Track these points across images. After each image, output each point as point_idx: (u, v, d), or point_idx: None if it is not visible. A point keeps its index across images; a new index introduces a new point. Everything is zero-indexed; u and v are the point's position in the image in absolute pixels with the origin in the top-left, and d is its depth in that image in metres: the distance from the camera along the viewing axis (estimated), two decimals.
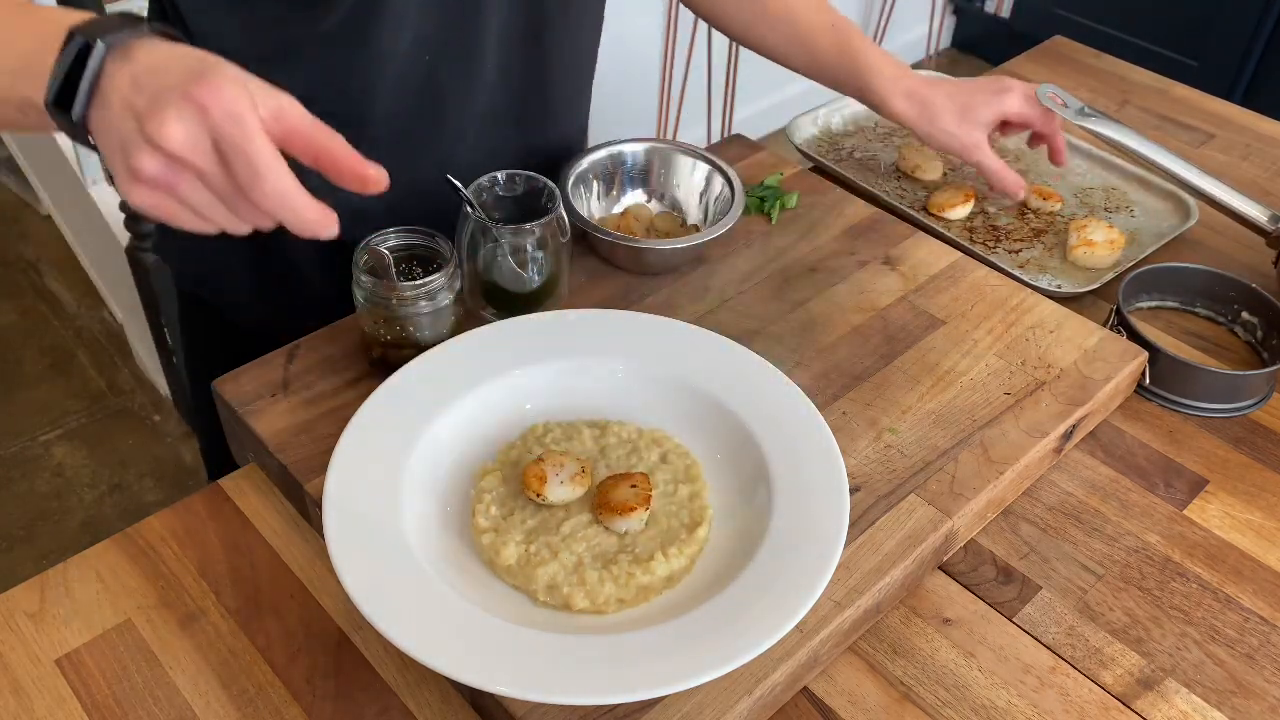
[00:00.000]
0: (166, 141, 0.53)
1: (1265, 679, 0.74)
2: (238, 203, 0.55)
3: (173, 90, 0.53)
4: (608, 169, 1.03)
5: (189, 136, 0.53)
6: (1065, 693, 0.72)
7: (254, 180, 0.54)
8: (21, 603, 0.75)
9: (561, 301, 0.92)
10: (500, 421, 0.80)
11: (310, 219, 0.55)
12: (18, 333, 2.31)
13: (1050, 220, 1.11)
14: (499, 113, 0.93)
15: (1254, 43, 2.71)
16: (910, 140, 1.23)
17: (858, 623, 0.73)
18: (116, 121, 0.55)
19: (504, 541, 0.71)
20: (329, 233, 0.56)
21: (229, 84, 0.54)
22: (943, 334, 0.92)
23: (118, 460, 2.06)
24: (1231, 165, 1.24)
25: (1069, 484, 0.86)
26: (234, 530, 0.79)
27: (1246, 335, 1.00)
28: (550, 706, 0.64)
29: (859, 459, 0.81)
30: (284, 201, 0.54)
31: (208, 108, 0.53)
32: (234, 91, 0.53)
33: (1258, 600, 0.78)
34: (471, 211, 0.86)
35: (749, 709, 0.66)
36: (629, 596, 0.70)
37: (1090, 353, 0.91)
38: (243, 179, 0.54)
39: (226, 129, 0.53)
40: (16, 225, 2.58)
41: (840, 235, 1.03)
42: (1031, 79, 1.35)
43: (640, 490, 0.73)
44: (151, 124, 0.53)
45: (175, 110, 0.53)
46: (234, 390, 0.84)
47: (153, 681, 0.70)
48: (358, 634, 0.73)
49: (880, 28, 3.11)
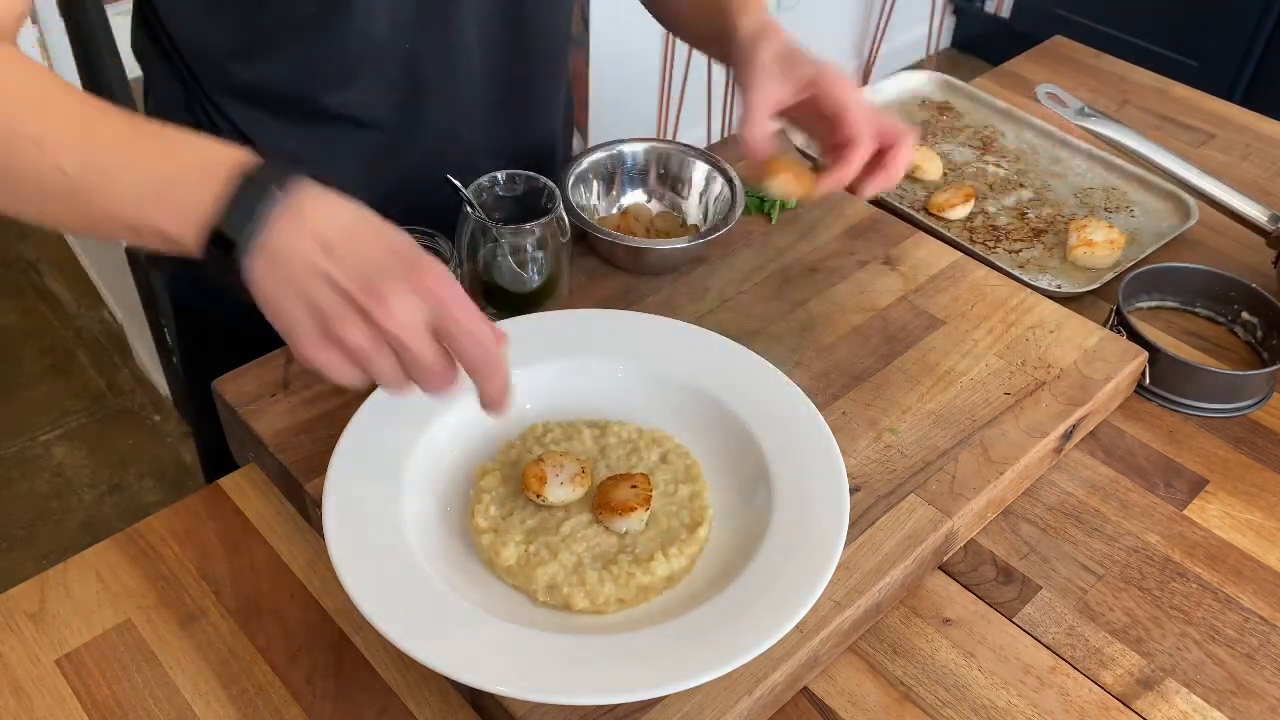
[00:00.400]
0: (388, 321, 0.57)
1: (1265, 679, 0.74)
2: (429, 375, 0.60)
3: (392, 271, 0.57)
4: (608, 169, 1.03)
5: (411, 319, 0.57)
6: (1065, 693, 0.72)
7: (488, 362, 0.60)
8: (21, 603, 0.75)
9: (561, 301, 0.92)
10: (500, 421, 0.80)
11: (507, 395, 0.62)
12: (18, 333, 2.31)
13: (1050, 220, 1.11)
14: (483, 99, 0.94)
15: (1254, 43, 2.71)
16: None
17: (858, 623, 0.73)
18: (306, 287, 0.58)
19: (504, 542, 0.71)
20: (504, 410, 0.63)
21: (446, 272, 0.59)
22: (943, 334, 0.92)
23: (118, 460, 2.06)
24: (1231, 165, 1.24)
25: (1069, 484, 0.86)
26: (234, 530, 0.79)
27: (1246, 335, 1.00)
28: (550, 706, 0.64)
29: (859, 459, 0.81)
30: (499, 375, 0.61)
31: (437, 294, 0.58)
32: (452, 279, 0.59)
33: (1258, 600, 0.78)
34: (471, 211, 0.86)
35: (749, 709, 0.66)
36: (629, 597, 0.70)
37: (1090, 353, 0.91)
38: (475, 360, 0.59)
39: (458, 314, 0.58)
40: (16, 225, 2.57)
41: (840, 235, 1.03)
42: (1031, 79, 1.35)
43: (640, 490, 0.73)
44: (372, 302, 0.56)
45: (400, 291, 0.57)
46: (234, 390, 0.84)
47: (153, 681, 0.70)
48: (358, 634, 0.73)
49: (880, 28, 3.11)
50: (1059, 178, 1.18)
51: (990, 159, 1.20)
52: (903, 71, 1.33)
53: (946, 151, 1.21)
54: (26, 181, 0.61)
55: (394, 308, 0.57)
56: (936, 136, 1.24)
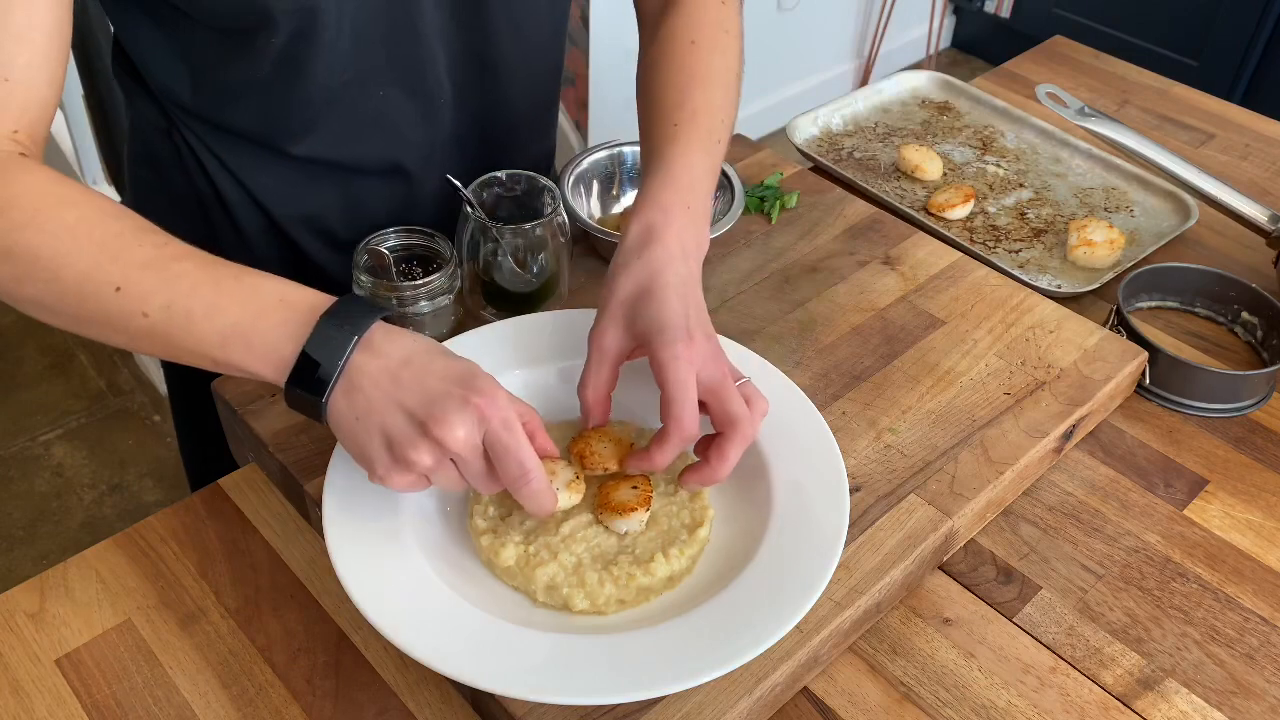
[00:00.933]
0: (451, 443, 0.62)
1: (1265, 679, 0.74)
2: (481, 481, 0.65)
3: (451, 397, 0.62)
4: (608, 169, 1.03)
5: (469, 439, 0.62)
6: (1065, 693, 0.72)
7: (523, 478, 0.64)
8: (21, 603, 0.75)
9: (561, 301, 0.92)
10: None
11: (547, 505, 0.67)
12: (18, 333, 2.31)
13: (1050, 220, 1.11)
14: (462, 136, 0.93)
15: (1254, 43, 2.71)
16: (910, 140, 1.23)
17: (858, 623, 0.73)
18: (382, 417, 0.63)
19: (503, 542, 0.71)
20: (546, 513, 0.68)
21: (500, 394, 0.63)
22: (943, 334, 0.92)
23: (118, 460, 2.06)
24: (1231, 165, 1.24)
25: (1069, 484, 0.86)
26: (234, 530, 0.79)
27: (1246, 335, 1.00)
28: (550, 706, 0.64)
29: (859, 459, 0.81)
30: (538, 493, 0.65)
31: (488, 417, 0.62)
32: (504, 401, 0.63)
33: (1258, 600, 0.78)
34: (471, 211, 0.86)
35: (749, 709, 0.66)
36: (629, 597, 0.70)
37: (1090, 353, 0.91)
38: (511, 476, 0.64)
39: (503, 437, 0.63)
40: None
41: (840, 235, 1.03)
42: (1031, 79, 1.35)
43: (641, 491, 0.73)
44: (439, 427, 0.61)
45: (459, 416, 0.62)
46: (234, 390, 0.84)
47: (153, 681, 0.70)
48: (358, 634, 0.73)
49: (880, 28, 3.11)
50: (1059, 178, 1.18)
51: (990, 159, 1.20)
52: (903, 71, 1.33)
53: (946, 151, 1.21)
54: (112, 322, 0.65)
55: (457, 432, 0.62)
56: (936, 136, 1.24)
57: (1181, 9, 2.80)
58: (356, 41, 0.81)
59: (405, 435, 0.62)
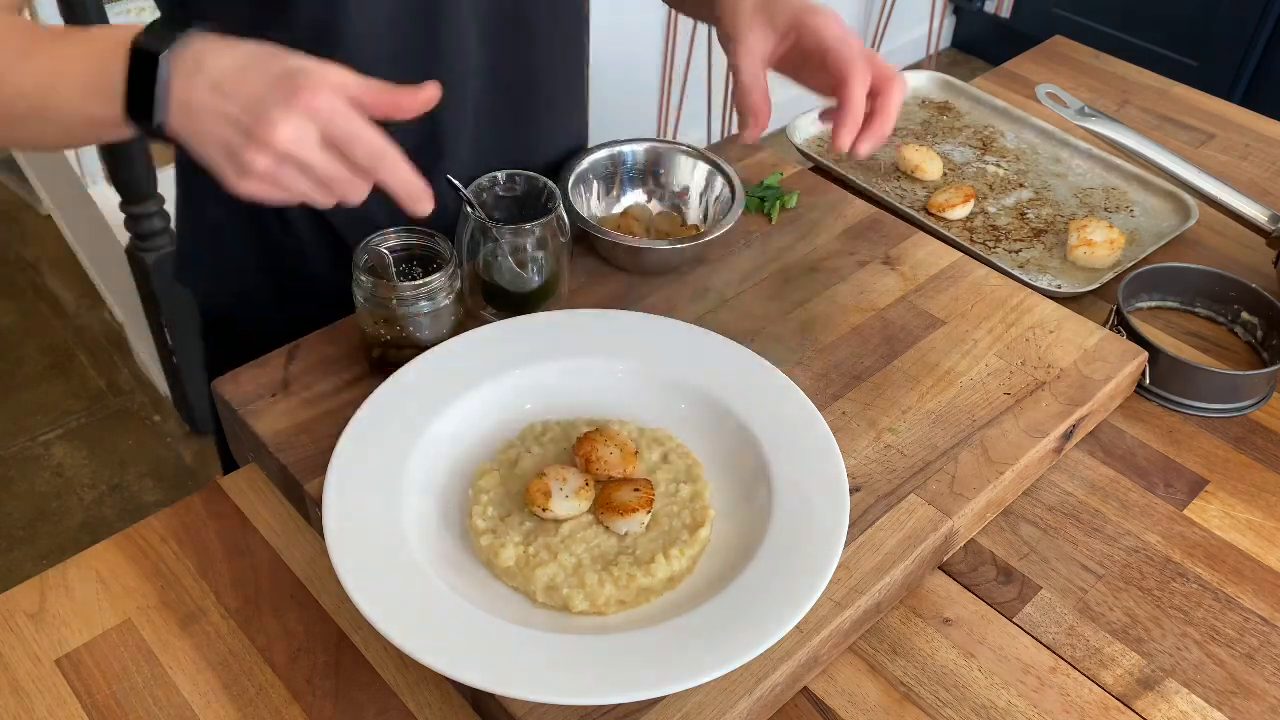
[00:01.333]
0: (279, 143, 0.61)
1: (1265, 679, 0.74)
2: (336, 183, 0.64)
3: (272, 96, 0.61)
4: (608, 169, 1.03)
5: (297, 136, 0.61)
6: (1065, 693, 0.72)
7: (378, 159, 0.63)
8: (21, 603, 0.75)
9: (561, 301, 0.92)
10: (500, 421, 0.80)
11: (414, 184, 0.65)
12: (18, 333, 2.31)
13: (1050, 220, 1.11)
14: (495, 111, 0.93)
15: (1254, 43, 2.71)
16: (910, 140, 1.23)
17: (858, 623, 0.73)
18: (213, 129, 0.63)
19: (502, 543, 0.71)
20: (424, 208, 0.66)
21: (324, 85, 0.62)
22: (943, 334, 0.92)
23: (118, 460, 2.06)
24: (1231, 165, 1.24)
25: (1069, 484, 0.86)
26: (234, 530, 0.79)
27: (1246, 335, 1.00)
28: (550, 706, 0.64)
29: (859, 459, 0.81)
30: (396, 170, 0.64)
31: (316, 109, 0.61)
32: (331, 89, 0.62)
33: (1258, 600, 0.78)
34: (471, 211, 0.86)
35: (749, 709, 0.66)
36: (629, 598, 0.70)
37: (1090, 353, 0.91)
38: (367, 165, 0.63)
39: (341, 125, 0.62)
40: (16, 225, 2.58)
41: (840, 235, 1.03)
42: (1032, 79, 1.35)
43: (643, 493, 0.73)
44: (263, 128, 0.61)
45: (280, 113, 0.61)
46: (234, 390, 0.84)
47: (153, 681, 0.70)
48: (358, 634, 0.73)
49: (880, 27, 3.11)
50: (1059, 178, 1.18)
51: (990, 159, 1.20)
52: (902, 72, 1.33)
53: (946, 151, 1.21)
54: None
55: (281, 131, 0.61)
56: (936, 136, 1.24)
57: (1181, 9, 2.81)
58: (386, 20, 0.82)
59: (236, 143, 0.62)
